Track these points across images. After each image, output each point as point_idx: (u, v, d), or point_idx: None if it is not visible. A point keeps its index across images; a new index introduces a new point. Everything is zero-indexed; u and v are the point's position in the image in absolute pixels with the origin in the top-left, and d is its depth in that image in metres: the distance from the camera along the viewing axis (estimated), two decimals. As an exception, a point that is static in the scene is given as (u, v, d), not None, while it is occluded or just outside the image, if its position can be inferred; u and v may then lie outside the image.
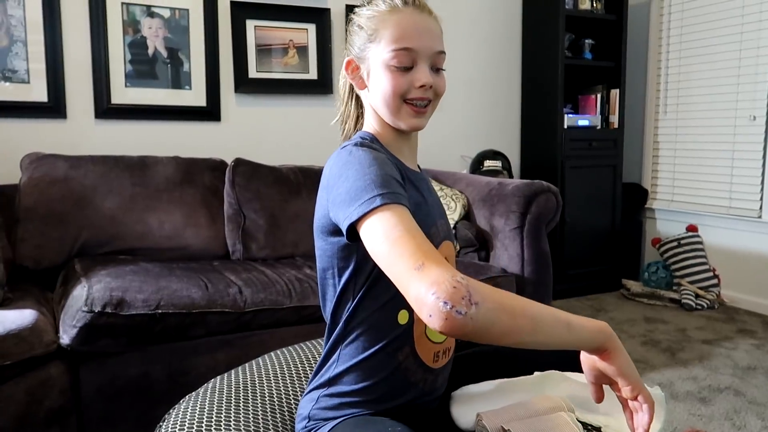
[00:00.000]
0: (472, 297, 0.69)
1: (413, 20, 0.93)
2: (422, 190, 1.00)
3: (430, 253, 0.73)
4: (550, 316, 0.75)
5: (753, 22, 3.16)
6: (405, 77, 0.93)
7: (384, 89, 0.93)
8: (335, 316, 0.95)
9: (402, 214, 0.78)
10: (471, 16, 3.45)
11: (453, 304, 0.68)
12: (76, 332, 1.62)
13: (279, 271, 2.10)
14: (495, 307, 0.70)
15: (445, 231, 1.02)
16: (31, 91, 2.49)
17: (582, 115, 3.52)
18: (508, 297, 0.73)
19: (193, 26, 2.75)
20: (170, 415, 1.06)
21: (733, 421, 1.97)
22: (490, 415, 0.94)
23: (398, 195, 0.81)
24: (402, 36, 0.92)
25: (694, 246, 3.42)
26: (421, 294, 0.70)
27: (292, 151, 2.97)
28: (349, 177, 0.83)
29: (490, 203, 2.49)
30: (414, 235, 0.75)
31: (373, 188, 0.80)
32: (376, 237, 0.77)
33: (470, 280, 0.71)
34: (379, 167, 0.83)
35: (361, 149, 0.87)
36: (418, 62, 0.93)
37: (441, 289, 0.68)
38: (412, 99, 0.94)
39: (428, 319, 0.69)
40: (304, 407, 0.98)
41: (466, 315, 0.68)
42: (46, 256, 2.14)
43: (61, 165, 2.25)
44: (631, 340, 2.74)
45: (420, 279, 0.70)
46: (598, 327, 0.79)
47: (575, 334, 0.77)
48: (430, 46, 0.94)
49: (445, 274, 0.70)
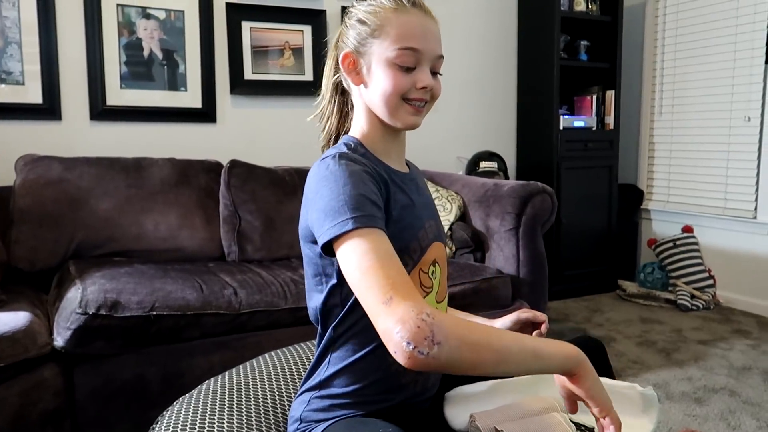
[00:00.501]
0: (435, 337, 0.71)
1: (420, 21, 0.94)
2: (410, 191, 0.99)
3: (399, 286, 0.75)
4: (517, 348, 0.77)
5: (747, 24, 3.18)
6: (407, 77, 0.93)
7: (385, 87, 0.93)
8: (324, 321, 0.95)
9: (375, 240, 0.79)
10: (467, 18, 3.46)
11: (415, 344, 0.70)
12: (70, 334, 1.62)
13: (274, 273, 2.09)
14: (458, 345, 0.72)
15: (435, 232, 1.01)
16: (26, 92, 2.48)
17: (577, 117, 3.52)
18: (474, 331, 0.75)
19: (188, 28, 2.75)
20: (163, 417, 1.06)
21: (728, 422, 1.98)
22: (483, 416, 0.94)
23: (371, 218, 0.81)
24: (409, 36, 0.93)
25: (689, 247, 3.43)
26: (388, 330, 0.73)
27: (287, 152, 2.97)
28: (324, 195, 0.84)
29: (486, 204, 2.49)
30: (385, 265, 0.77)
31: (345, 211, 0.81)
32: (348, 264, 0.79)
33: (437, 315, 0.73)
34: (354, 186, 0.83)
35: (339, 163, 0.87)
36: (421, 63, 0.94)
37: (405, 328, 0.71)
38: (412, 99, 0.95)
39: (394, 354, 0.72)
40: (296, 409, 0.98)
41: (428, 355, 0.71)
42: (41, 258, 2.13)
43: (55, 167, 2.25)
44: (627, 341, 2.75)
45: (387, 315, 0.73)
46: (566, 354, 0.81)
47: (543, 362, 0.79)
48: (434, 49, 0.95)
49: (410, 312, 0.72)
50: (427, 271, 0.97)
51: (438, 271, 1.00)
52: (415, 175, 1.06)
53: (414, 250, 0.94)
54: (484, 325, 0.78)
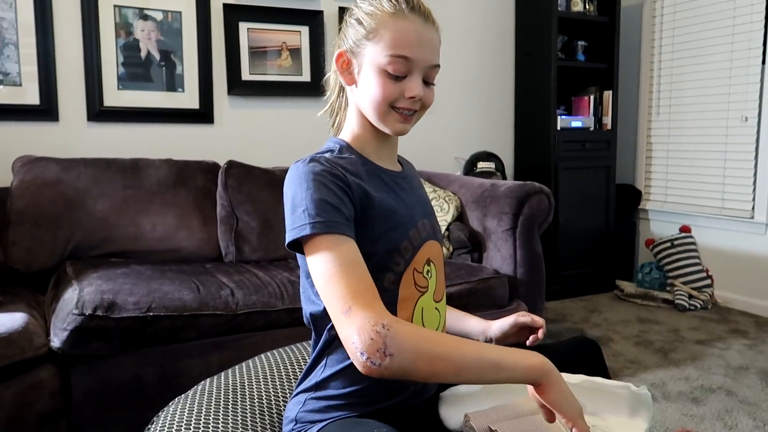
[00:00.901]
0: (387, 349, 0.75)
1: (417, 29, 0.92)
2: (400, 190, 0.99)
3: (359, 294, 0.79)
4: (476, 359, 0.79)
5: (744, 24, 3.18)
6: (397, 85, 0.92)
7: (373, 93, 0.93)
8: (320, 324, 0.95)
9: (337, 246, 0.82)
10: (464, 18, 3.46)
11: (368, 355, 0.75)
12: (67, 335, 1.62)
13: (271, 273, 2.09)
14: (411, 357, 0.76)
15: (429, 231, 1.01)
16: (23, 93, 2.48)
17: (575, 117, 3.53)
18: (430, 342, 0.78)
19: (185, 29, 2.75)
20: (159, 417, 1.06)
21: (725, 421, 1.98)
22: (477, 416, 0.94)
23: (331, 223, 0.83)
24: (402, 43, 0.91)
25: (687, 246, 3.44)
26: (345, 339, 0.78)
27: (285, 153, 2.97)
28: (289, 198, 0.87)
29: (483, 204, 2.49)
30: (346, 273, 0.80)
31: (304, 216, 0.84)
32: (314, 272, 0.84)
33: (393, 326, 0.76)
34: (316, 191, 0.85)
35: (307, 166, 0.88)
36: (412, 72, 0.93)
37: (360, 339, 0.76)
38: (400, 107, 0.94)
39: (353, 360, 0.77)
40: (291, 410, 0.98)
41: (380, 366, 0.75)
42: (38, 259, 2.13)
43: (52, 168, 2.25)
44: (625, 341, 2.75)
45: (346, 325, 0.78)
46: (530, 365, 0.81)
47: (505, 373, 0.80)
48: (428, 59, 0.93)
49: (366, 324, 0.76)
50: (422, 270, 0.97)
51: (433, 270, 1.00)
52: (407, 174, 1.06)
53: (405, 250, 0.94)
54: (443, 336, 0.80)
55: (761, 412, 2.05)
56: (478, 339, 1.19)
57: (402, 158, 1.11)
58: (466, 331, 1.19)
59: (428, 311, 0.98)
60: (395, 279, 0.93)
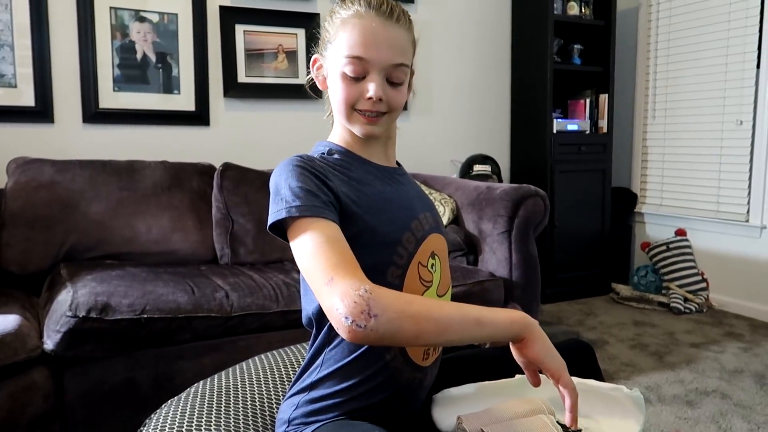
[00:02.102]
0: (371, 310, 0.74)
1: (372, 28, 0.90)
2: (397, 184, 1.00)
3: (340, 266, 0.79)
4: (458, 316, 0.79)
5: (739, 28, 3.19)
6: (355, 87, 0.92)
7: (336, 96, 0.94)
8: (319, 321, 0.95)
9: (317, 227, 0.83)
10: (460, 21, 3.47)
11: (353, 318, 0.75)
12: (60, 337, 1.61)
13: (266, 276, 2.09)
14: (396, 317, 0.75)
15: (432, 223, 1.00)
16: (19, 95, 2.48)
17: (571, 120, 3.53)
18: (413, 303, 0.78)
19: (182, 31, 2.75)
20: (151, 419, 1.06)
21: (719, 424, 1.98)
22: (470, 418, 0.94)
23: (310, 207, 0.84)
24: (356, 43, 0.90)
25: (682, 250, 3.44)
26: (329, 308, 0.77)
27: (281, 155, 2.95)
28: (272, 190, 0.90)
29: (479, 207, 2.49)
30: (326, 249, 0.81)
31: (281, 201, 0.85)
32: (296, 253, 0.85)
33: (375, 290, 0.76)
34: (297, 179, 0.87)
35: (289, 159, 0.90)
36: (370, 73, 0.91)
37: (343, 304, 0.75)
38: (362, 110, 0.93)
39: (337, 330, 0.77)
40: (284, 411, 0.98)
41: (365, 328, 0.75)
42: (32, 261, 2.13)
43: (47, 169, 2.24)
44: (620, 344, 2.75)
45: (329, 294, 0.77)
46: (510, 319, 0.83)
47: (487, 328, 0.81)
48: (386, 58, 0.91)
49: (349, 289, 0.76)
50: (426, 264, 0.96)
51: (438, 263, 0.99)
52: (404, 171, 1.07)
53: (408, 241, 0.94)
54: (425, 298, 0.82)
55: (755, 415, 2.05)
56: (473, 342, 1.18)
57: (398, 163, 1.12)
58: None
59: None
60: (400, 273, 0.92)
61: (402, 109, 1.00)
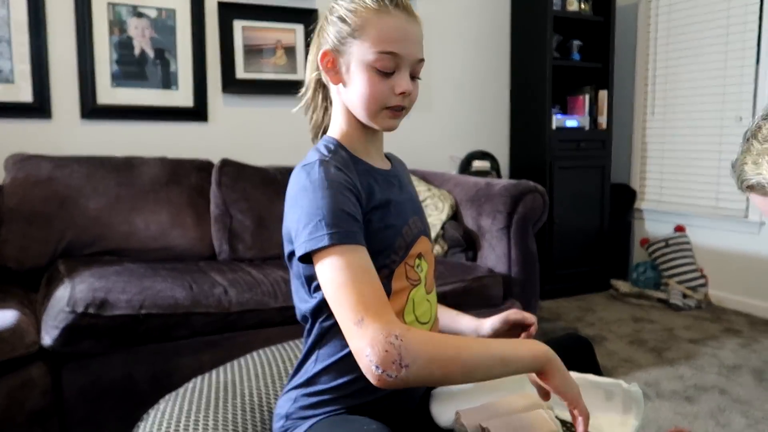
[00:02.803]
0: (403, 360, 0.75)
1: (401, 25, 0.92)
2: (392, 189, 0.99)
3: (371, 305, 0.78)
4: (484, 357, 0.80)
5: (738, 24, 3.19)
6: (385, 82, 0.92)
7: (363, 91, 0.92)
8: (313, 317, 0.95)
9: (351, 256, 0.82)
10: (459, 17, 3.46)
11: (384, 368, 0.75)
12: (58, 333, 1.61)
13: (265, 272, 2.09)
14: (426, 365, 0.76)
15: (420, 227, 1.01)
16: (17, 91, 2.47)
17: (570, 116, 3.53)
18: (443, 347, 0.78)
19: (180, 26, 2.74)
20: (149, 415, 1.06)
21: (718, 420, 1.98)
22: (469, 413, 0.94)
23: (348, 234, 0.83)
24: (389, 39, 0.91)
25: (681, 246, 3.44)
26: (358, 351, 0.77)
27: (279, 151, 2.97)
28: (303, 206, 0.85)
29: (478, 203, 2.49)
30: (359, 281, 0.80)
31: (322, 226, 0.82)
32: (324, 279, 0.83)
33: (406, 336, 0.76)
34: (332, 200, 0.84)
35: (320, 171, 0.87)
36: (400, 68, 0.92)
37: (374, 352, 0.75)
38: (390, 105, 0.93)
39: (365, 374, 0.77)
40: (282, 406, 0.98)
41: (396, 378, 0.75)
42: (30, 257, 2.12)
43: (45, 165, 2.24)
44: (619, 340, 2.75)
45: (358, 337, 0.77)
46: (533, 355, 0.84)
47: (512, 366, 0.82)
48: (414, 54, 0.93)
49: (379, 336, 0.75)
50: (413, 264, 0.97)
51: (423, 264, 1.00)
52: (397, 171, 1.06)
53: (400, 248, 0.95)
54: (453, 339, 0.81)
55: (754, 410, 2.05)
56: (470, 337, 1.19)
57: (391, 155, 1.11)
58: (459, 330, 1.19)
59: (419, 302, 0.98)
60: (388, 274, 0.93)
61: None
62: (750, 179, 0.73)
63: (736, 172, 0.75)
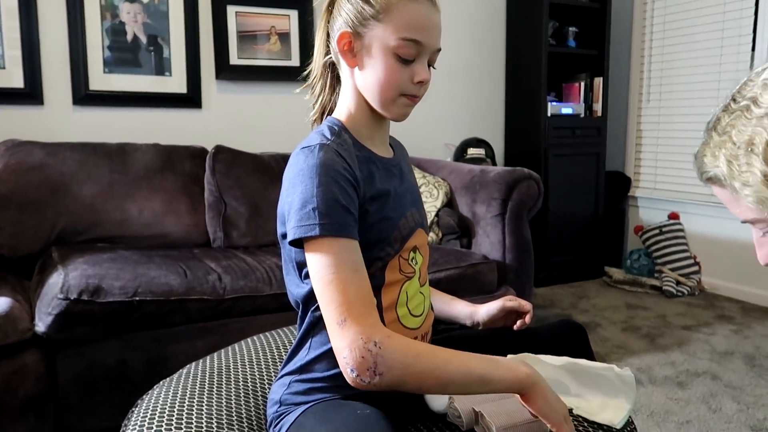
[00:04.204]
0: (378, 368, 0.76)
1: (428, 13, 0.91)
2: (392, 179, 0.98)
3: (355, 307, 0.79)
4: (463, 373, 0.81)
5: (734, 11, 3.18)
6: (405, 69, 0.90)
7: (381, 76, 0.90)
8: (305, 305, 0.94)
9: (341, 250, 0.82)
10: (456, 4, 3.44)
11: (358, 373, 0.77)
12: (52, 320, 1.61)
13: (259, 259, 2.09)
14: (400, 374, 0.77)
15: (418, 220, 1.00)
16: (8, 77, 2.44)
17: (565, 103, 3.52)
18: (419, 360, 0.79)
19: (172, 12, 2.71)
20: (143, 400, 1.06)
21: (709, 405, 2.00)
22: (462, 398, 0.94)
23: (340, 226, 0.82)
24: (414, 26, 0.89)
25: (675, 233, 3.46)
26: (337, 352, 0.79)
27: (273, 138, 2.95)
28: (298, 192, 0.84)
29: (473, 190, 2.49)
30: (346, 280, 0.80)
31: (315, 215, 0.82)
32: (313, 271, 0.83)
33: (384, 344, 0.77)
34: (327, 189, 0.82)
35: (320, 155, 0.85)
36: (420, 56, 0.91)
37: (351, 356, 0.77)
38: (408, 93, 0.92)
39: (342, 371, 0.79)
40: (275, 392, 0.98)
41: (369, 383, 0.77)
42: (23, 244, 2.11)
43: (37, 152, 2.22)
44: (612, 327, 2.77)
45: (339, 337, 0.78)
46: (515, 377, 0.83)
47: (491, 386, 0.83)
48: (435, 43, 0.92)
49: (359, 340, 0.77)
50: (407, 257, 0.97)
51: (418, 257, 1.00)
52: (398, 160, 1.04)
53: (395, 240, 0.94)
54: (433, 352, 0.81)
55: (745, 395, 2.07)
56: (465, 323, 1.19)
57: (394, 140, 1.10)
58: (454, 315, 1.19)
59: (413, 295, 0.98)
60: (381, 266, 0.93)
61: None
62: (708, 171, 0.74)
63: (697, 164, 0.76)
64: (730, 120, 0.71)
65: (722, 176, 0.71)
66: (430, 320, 1.04)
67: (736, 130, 0.70)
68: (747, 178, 0.68)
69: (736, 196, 0.71)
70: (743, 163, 0.69)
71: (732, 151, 0.70)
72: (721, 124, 0.72)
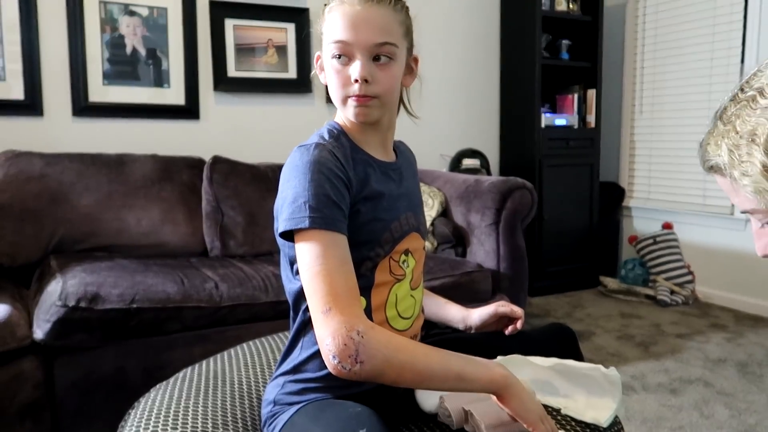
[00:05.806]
0: (359, 356, 0.79)
1: (352, 12, 0.91)
2: (389, 182, 1.00)
3: (341, 297, 0.82)
4: (441, 369, 0.83)
5: (724, 23, 3.23)
6: (344, 71, 0.93)
7: (330, 84, 0.96)
8: (296, 305, 0.97)
9: (330, 244, 0.85)
10: (449, 16, 3.49)
11: (340, 360, 0.79)
12: (50, 327, 1.62)
13: (256, 267, 2.11)
14: (380, 365, 0.80)
15: (413, 224, 1.02)
16: (8, 88, 2.48)
17: (559, 115, 3.57)
18: (399, 352, 0.82)
19: (171, 25, 2.76)
20: (140, 403, 1.08)
21: (702, 411, 2.02)
22: (452, 398, 0.96)
23: (329, 220, 0.85)
24: (341, 27, 0.91)
25: (669, 243, 3.48)
26: (320, 339, 0.81)
27: (270, 149, 2.98)
28: (291, 186, 0.88)
29: (467, 200, 2.52)
30: (332, 272, 0.83)
31: (305, 208, 0.85)
32: (301, 263, 0.85)
33: (367, 333, 0.80)
34: (319, 183, 0.86)
35: (314, 152, 0.88)
36: (355, 55, 0.92)
37: (334, 343, 0.79)
38: (352, 94, 0.93)
39: (324, 359, 0.81)
40: (269, 392, 1.00)
41: (350, 371, 0.79)
42: (22, 253, 2.13)
43: (37, 162, 2.25)
44: (607, 335, 2.79)
45: (323, 326, 0.81)
46: (490, 378, 0.86)
47: (466, 384, 0.86)
48: (367, 39, 0.91)
49: (342, 328, 0.79)
50: (398, 260, 0.98)
51: (410, 260, 1.01)
52: (400, 165, 1.05)
53: (386, 241, 0.96)
54: (413, 345, 0.84)
55: (737, 402, 2.09)
56: (457, 326, 1.20)
57: (402, 146, 1.13)
58: (447, 318, 1.21)
59: (403, 297, 1.00)
60: (372, 266, 0.95)
61: (398, 94, 1.00)
62: (710, 160, 0.74)
63: (701, 152, 0.76)
64: (736, 110, 0.71)
65: (723, 165, 0.71)
66: (419, 323, 1.06)
67: (740, 120, 0.70)
68: (746, 168, 0.68)
69: (736, 185, 0.71)
70: (744, 153, 0.69)
71: (734, 141, 0.70)
72: (727, 113, 0.72)
